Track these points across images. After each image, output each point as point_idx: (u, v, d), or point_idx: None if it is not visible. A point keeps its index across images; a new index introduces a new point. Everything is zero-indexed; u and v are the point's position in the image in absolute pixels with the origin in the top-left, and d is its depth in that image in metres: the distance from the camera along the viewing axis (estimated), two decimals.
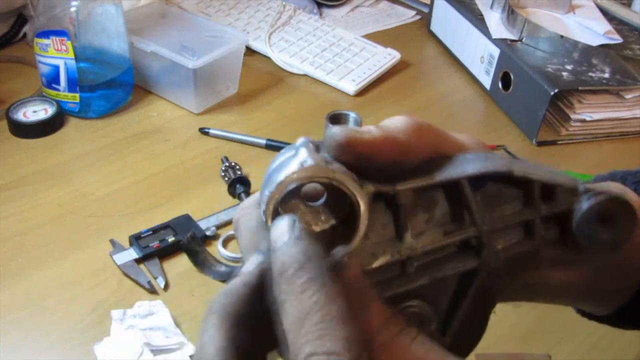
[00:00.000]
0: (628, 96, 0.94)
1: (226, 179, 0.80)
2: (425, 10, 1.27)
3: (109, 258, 0.68)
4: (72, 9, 0.86)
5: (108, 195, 0.78)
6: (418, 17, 1.29)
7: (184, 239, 0.69)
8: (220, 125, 0.91)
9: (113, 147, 0.86)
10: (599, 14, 1.11)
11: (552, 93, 0.89)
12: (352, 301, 0.26)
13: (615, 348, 0.62)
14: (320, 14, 1.25)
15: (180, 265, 0.69)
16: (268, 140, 0.88)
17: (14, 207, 0.75)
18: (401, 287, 0.29)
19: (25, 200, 0.76)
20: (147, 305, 0.63)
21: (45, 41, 0.86)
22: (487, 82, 1.04)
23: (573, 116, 0.94)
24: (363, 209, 0.28)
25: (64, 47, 0.85)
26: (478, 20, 1.08)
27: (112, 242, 0.70)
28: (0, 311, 0.62)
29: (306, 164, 0.28)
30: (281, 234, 0.27)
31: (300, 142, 0.29)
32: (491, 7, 1.10)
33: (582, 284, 0.38)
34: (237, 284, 0.28)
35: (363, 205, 0.28)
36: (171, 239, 0.70)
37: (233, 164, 0.81)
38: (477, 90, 1.07)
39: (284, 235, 0.27)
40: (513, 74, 0.97)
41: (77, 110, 0.89)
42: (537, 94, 0.91)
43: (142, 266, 0.68)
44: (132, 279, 0.66)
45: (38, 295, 0.64)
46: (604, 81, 0.93)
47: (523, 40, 1.02)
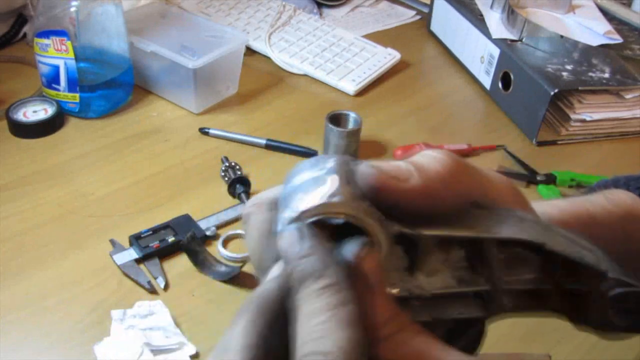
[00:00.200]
0: (628, 96, 0.94)
1: (226, 179, 0.80)
2: (425, 10, 1.27)
3: (109, 258, 0.68)
4: (72, 9, 0.86)
5: (108, 195, 0.78)
6: (418, 17, 1.29)
7: (184, 239, 0.69)
8: (220, 125, 0.91)
9: (113, 147, 0.86)
10: (599, 14, 1.11)
11: (552, 93, 0.89)
12: (362, 294, 0.26)
13: (615, 348, 0.62)
14: (320, 14, 1.25)
15: (180, 265, 0.69)
16: (268, 140, 0.88)
17: (14, 207, 0.75)
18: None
19: (25, 200, 0.76)
20: (147, 305, 0.63)
21: (45, 41, 0.86)
22: (487, 82, 1.04)
23: (573, 116, 0.94)
24: (384, 251, 0.27)
25: (64, 47, 0.85)
26: (478, 20, 1.08)
27: (112, 242, 0.70)
28: (0, 311, 0.62)
29: (334, 199, 0.26)
30: (291, 244, 0.27)
31: (329, 167, 0.28)
32: (491, 7, 1.10)
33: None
34: (272, 286, 0.27)
35: (384, 248, 0.27)
36: (171, 239, 0.70)
37: (233, 164, 0.81)
38: (477, 90, 1.07)
39: (294, 245, 0.26)
40: (513, 74, 0.97)
41: (77, 110, 0.89)
42: (537, 94, 0.91)
43: (142, 266, 0.68)
44: (132, 279, 0.66)
45: (38, 295, 0.64)
46: (604, 81, 0.93)
47: (523, 40, 1.02)
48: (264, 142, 0.88)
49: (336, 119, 0.86)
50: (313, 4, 1.25)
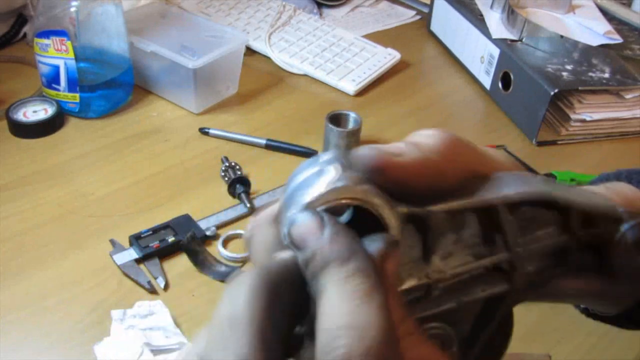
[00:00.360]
0: (628, 96, 0.94)
1: (226, 179, 0.80)
2: (425, 10, 1.27)
3: (109, 258, 0.68)
4: (72, 9, 0.86)
5: (108, 195, 0.78)
6: (418, 17, 1.29)
7: (184, 239, 0.69)
8: (220, 125, 0.91)
9: (113, 147, 0.86)
10: (599, 14, 1.11)
11: (552, 93, 0.89)
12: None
13: (615, 348, 0.62)
14: (320, 14, 1.25)
15: (180, 265, 0.69)
16: (268, 140, 0.88)
17: (14, 207, 0.75)
18: (425, 311, 0.28)
19: (25, 200, 0.76)
20: (147, 305, 0.63)
21: (45, 41, 0.86)
22: (487, 82, 1.04)
23: (573, 116, 0.94)
24: (395, 234, 0.26)
25: (64, 47, 0.85)
26: (478, 20, 1.08)
27: (112, 242, 0.70)
28: (0, 311, 0.62)
29: (337, 185, 0.26)
30: (310, 231, 0.25)
31: (327, 159, 0.27)
32: (491, 7, 1.10)
33: (594, 290, 0.37)
34: (283, 261, 0.25)
35: (395, 230, 0.26)
36: (171, 239, 0.70)
37: (233, 164, 0.81)
38: (477, 90, 1.07)
39: (314, 231, 0.25)
40: (513, 74, 0.97)
41: (77, 110, 0.89)
42: (537, 94, 0.91)
43: (142, 266, 0.68)
44: (132, 279, 0.66)
45: (38, 295, 0.64)
46: (604, 81, 0.93)
47: (523, 40, 1.02)
48: (264, 142, 0.88)
49: (336, 119, 0.86)
50: (313, 4, 1.25)
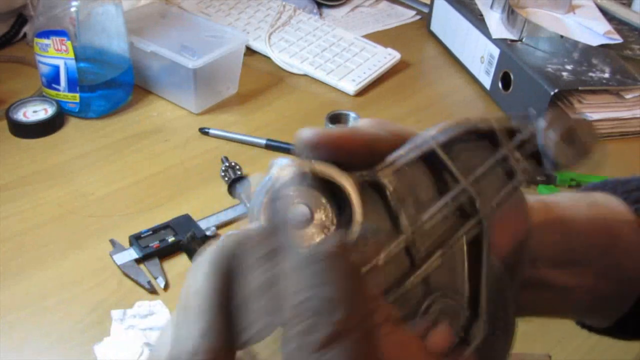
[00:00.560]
0: (628, 96, 0.94)
1: (226, 179, 0.80)
2: (425, 10, 1.27)
3: (109, 258, 0.68)
4: (72, 9, 0.86)
5: (108, 195, 0.78)
6: (418, 17, 1.29)
7: (184, 239, 0.69)
8: (220, 125, 0.91)
9: (113, 147, 0.86)
10: (599, 14, 1.11)
11: (552, 93, 0.89)
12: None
13: (615, 348, 0.62)
14: (320, 14, 1.25)
15: (180, 265, 0.69)
16: (268, 140, 0.88)
17: (14, 207, 0.75)
18: (416, 279, 0.29)
19: (25, 200, 0.76)
20: (147, 305, 0.63)
21: (45, 41, 0.86)
22: (487, 82, 1.04)
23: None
24: (352, 190, 0.28)
25: (64, 47, 0.85)
26: (478, 20, 1.08)
27: (112, 242, 0.70)
28: (0, 311, 0.62)
29: (285, 163, 0.28)
30: (286, 181, 0.27)
31: (273, 162, 0.30)
32: (491, 7, 1.10)
33: (582, 291, 0.38)
34: (249, 231, 0.27)
35: (350, 187, 0.28)
36: (171, 239, 0.70)
37: (233, 164, 0.81)
38: (477, 90, 1.07)
39: (286, 172, 0.27)
40: (513, 74, 0.97)
41: (77, 110, 0.89)
42: (537, 94, 0.91)
43: (142, 266, 0.68)
44: (132, 279, 0.66)
45: (38, 295, 0.64)
46: (604, 81, 0.93)
47: (523, 40, 1.02)
48: (264, 142, 0.88)
49: (336, 119, 0.86)
50: (313, 4, 1.25)
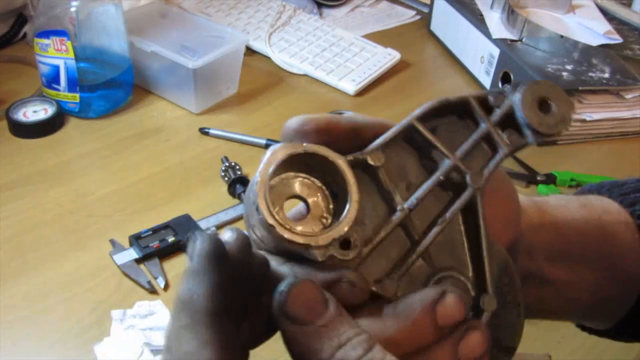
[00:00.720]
0: (628, 96, 0.94)
1: (226, 179, 0.80)
2: (425, 10, 1.27)
3: (109, 258, 0.68)
4: (72, 9, 0.86)
5: (108, 195, 0.78)
6: (418, 17, 1.29)
7: (184, 239, 0.69)
8: (220, 125, 0.91)
9: (113, 147, 0.86)
10: (599, 14, 1.11)
11: None
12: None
13: (616, 348, 0.62)
14: (320, 14, 1.25)
15: (180, 265, 0.69)
16: (268, 140, 0.88)
17: (14, 207, 0.75)
18: (418, 255, 0.30)
19: (25, 200, 0.76)
20: (147, 305, 0.63)
21: (45, 41, 0.86)
22: (487, 82, 1.04)
23: (573, 116, 0.93)
24: (346, 168, 0.29)
25: (64, 47, 0.85)
26: (478, 20, 1.08)
27: (112, 242, 0.70)
28: (0, 311, 0.62)
29: (276, 147, 0.29)
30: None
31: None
32: (491, 7, 1.10)
33: (583, 288, 0.38)
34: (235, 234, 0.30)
35: (344, 164, 0.29)
36: (171, 239, 0.70)
37: (233, 164, 0.81)
38: (477, 90, 1.07)
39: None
40: (513, 74, 0.97)
41: (77, 110, 0.89)
42: None
43: (142, 266, 0.68)
44: (132, 279, 0.66)
45: (38, 295, 0.64)
46: (604, 81, 0.93)
47: (523, 40, 1.02)
48: (264, 142, 0.88)
49: None
50: (313, 4, 1.25)
